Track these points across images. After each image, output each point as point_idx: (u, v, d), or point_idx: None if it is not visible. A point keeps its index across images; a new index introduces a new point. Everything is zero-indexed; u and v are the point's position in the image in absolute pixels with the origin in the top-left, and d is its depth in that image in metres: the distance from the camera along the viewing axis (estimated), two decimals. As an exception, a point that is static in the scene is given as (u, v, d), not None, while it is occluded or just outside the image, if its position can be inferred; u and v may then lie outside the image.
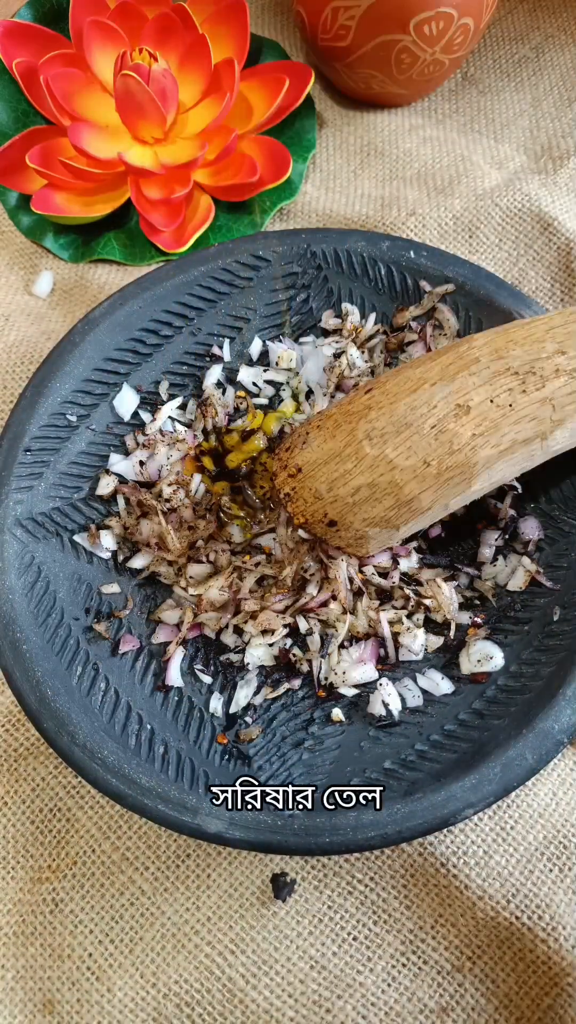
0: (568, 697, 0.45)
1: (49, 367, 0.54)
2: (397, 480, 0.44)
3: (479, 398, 0.43)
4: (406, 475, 0.44)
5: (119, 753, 0.45)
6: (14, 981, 0.47)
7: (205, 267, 0.57)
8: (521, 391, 0.43)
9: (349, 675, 0.50)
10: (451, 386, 0.44)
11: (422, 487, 0.44)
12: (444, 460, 0.43)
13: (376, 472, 0.45)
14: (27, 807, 0.51)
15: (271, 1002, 0.46)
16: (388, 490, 0.45)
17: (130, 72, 0.59)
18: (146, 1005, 0.46)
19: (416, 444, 0.44)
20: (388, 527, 0.46)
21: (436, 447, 0.43)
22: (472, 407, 0.43)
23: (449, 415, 0.43)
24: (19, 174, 0.66)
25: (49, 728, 0.45)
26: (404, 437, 0.44)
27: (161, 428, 0.57)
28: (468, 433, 0.43)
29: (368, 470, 0.45)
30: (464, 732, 0.48)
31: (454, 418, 0.43)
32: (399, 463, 0.44)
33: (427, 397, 0.44)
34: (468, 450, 0.43)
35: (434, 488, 0.44)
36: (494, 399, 0.43)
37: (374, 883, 0.49)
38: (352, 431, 0.46)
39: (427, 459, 0.44)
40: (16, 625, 0.48)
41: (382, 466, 0.45)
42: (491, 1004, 0.46)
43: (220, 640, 0.52)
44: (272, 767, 0.48)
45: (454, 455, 0.43)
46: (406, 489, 0.44)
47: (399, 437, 0.44)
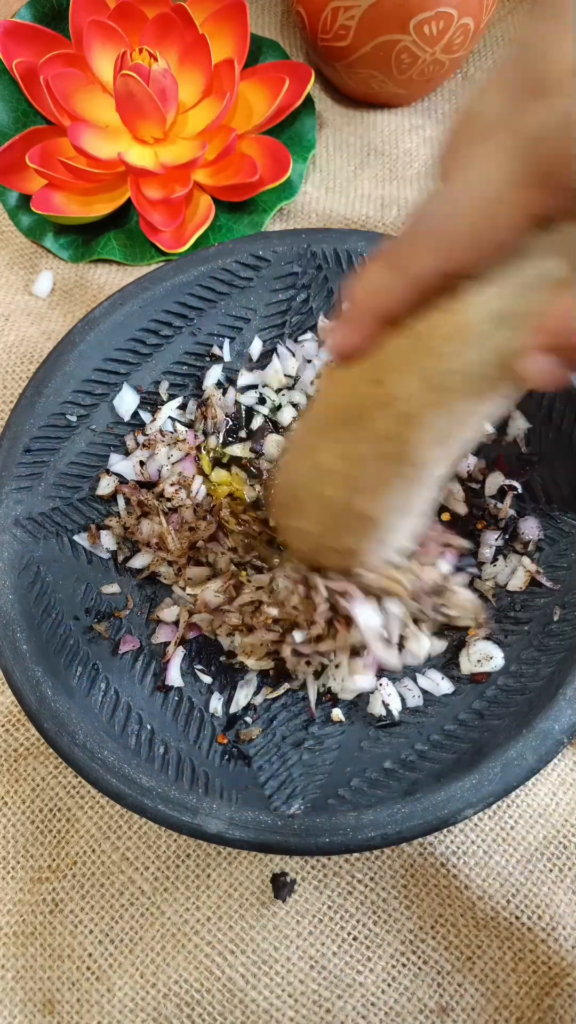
0: (568, 697, 0.45)
1: (49, 367, 0.54)
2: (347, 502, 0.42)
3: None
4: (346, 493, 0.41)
5: (119, 753, 0.45)
6: (14, 981, 0.47)
7: (205, 267, 0.57)
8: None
9: (348, 686, 0.50)
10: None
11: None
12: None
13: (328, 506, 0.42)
14: (27, 807, 0.51)
15: (271, 1002, 0.46)
16: (344, 515, 0.42)
17: (130, 72, 0.59)
18: (146, 1005, 0.46)
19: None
20: (367, 542, 0.44)
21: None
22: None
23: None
24: (19, 174, 0.66)
25: (49, 728, 0.45)
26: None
27: (161, 428, 0.57)
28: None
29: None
30: (464, 732, 0.48)
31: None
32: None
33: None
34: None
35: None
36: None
37: (374, 883, 0.49)
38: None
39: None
40: (16, 625, 0.47)
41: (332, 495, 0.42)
42: (491, 1004, 0.46)
43: (219, 640, 0.52)
44: (272, 767, 0.48)
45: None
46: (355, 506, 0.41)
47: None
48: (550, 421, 0.54)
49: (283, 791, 0.46)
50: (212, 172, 0.66)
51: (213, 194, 0.66)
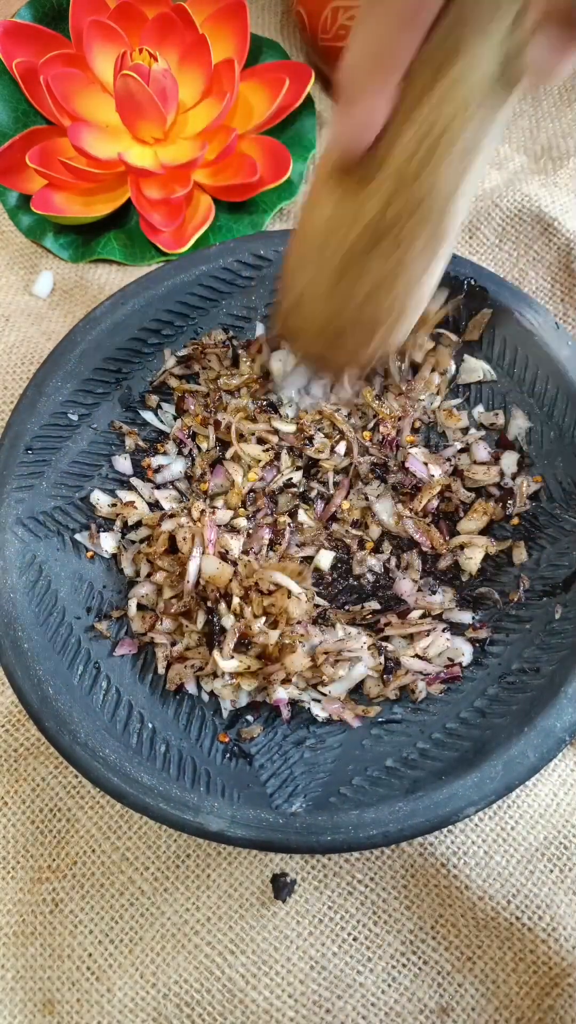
0: (570, 696, 0.45)
1: (50, 366, 0.54)
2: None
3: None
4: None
5: (120, 752, 0.45)
6: (14, 981, 0.47)
7: (206, 267, 0.57)
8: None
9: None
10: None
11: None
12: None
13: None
14: (27, 807, 0.51)
15: (271, 1002, 0.46)
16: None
17: (130, 72, 0.59)
18: (146, 1005, 0.46)
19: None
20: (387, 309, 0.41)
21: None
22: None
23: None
24: (19, 174, 0.66)
25: (51, 727, 0.45)
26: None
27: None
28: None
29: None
30: (466, 730, 0.48)
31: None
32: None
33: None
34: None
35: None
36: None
37: (374, 883, 0.49)
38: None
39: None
40: (17, 624, 0.48)
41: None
42: (491, 1004, 0.46)
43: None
44: (274, 765, 0.48)
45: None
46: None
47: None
48: (551, 420, 0.54)
49: (285, 789, 0.46)
50: (212, 172, 0.66)
51: (213, 194, 0.66)
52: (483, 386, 0.57)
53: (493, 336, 0.56)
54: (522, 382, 0.55)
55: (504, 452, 0.56)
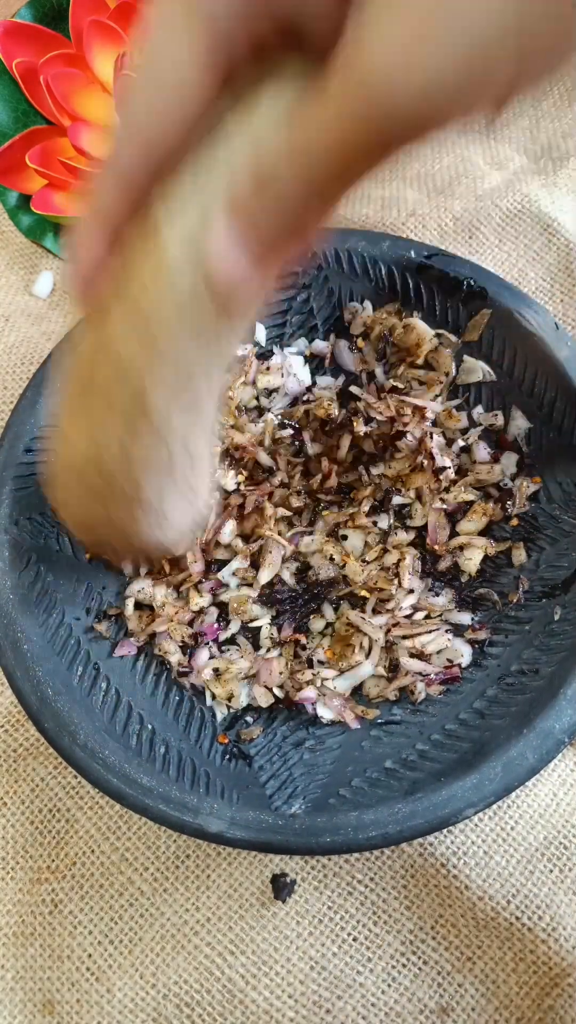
0: (569, 697, 0.45)
1: (49, 367, 0.54)
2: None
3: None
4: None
5: (120, 753, 0.45)
6: (13, 981, 0.47)
7: (205, 267, 0.57)
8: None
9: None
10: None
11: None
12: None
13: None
14: (26, 807, 0.51)
15: (271, 1003, 0.46)
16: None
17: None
18: (146, 1006, 0.46)
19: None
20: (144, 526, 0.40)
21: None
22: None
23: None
24: (19, 174, 0.66)
25: (50, 728, 0.45)
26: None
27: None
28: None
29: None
30: (465, 732, 0.48)
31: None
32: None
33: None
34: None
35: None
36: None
37: (374, 883, 0.49)
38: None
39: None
40: (17, 625, 0.47)
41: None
42: (491, 1004, 0.46)
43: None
44: (273, 766, 0.48)
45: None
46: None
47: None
48: (550, 421, 0.54)
49: (284, 791, 0.46)
50: (212, 172, 0.66)
51: (213, 194, 0.66)
52: (482, 386, 0.57)
53: (492, 336, 0.56)
54: (521, 382, 0.55)
55: (504, 452, 0.56)
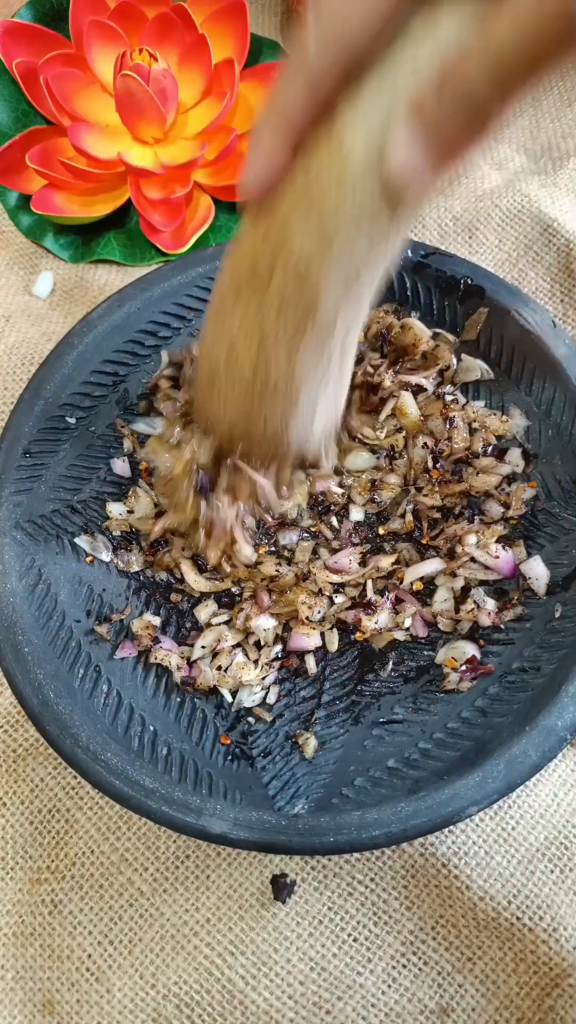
0: (571, 694, 0.45)
1: (47, 369, 0.54)
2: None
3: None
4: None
5: (122, 755, 0.45)
6: (13, 982, 0.47)
7: (204, 267, 0.57)
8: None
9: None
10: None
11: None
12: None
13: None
14: (26, 808, 0.51)
15: (271, 1003, 0.46)
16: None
17: (130, 72, 0.59)
18: (145, 1006, 0.46)
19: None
20: (286, 421, 0.41)
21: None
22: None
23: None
24: (19, 174, 0.66)
25: (52, 731, 0.45)
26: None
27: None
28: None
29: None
30: (467, 730, 0.48)
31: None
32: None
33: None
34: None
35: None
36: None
37: (374, 884, 0.49)
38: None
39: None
40: (18, 628, 0.47)
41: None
42: (492, 1005, 0.46)
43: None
44: (275, 767, 0.48)
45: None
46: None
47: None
48: (549, 418, 0.54)
49: (287, 791, 0.46)
50: (212, 172, 0.66)
51: (213, 194, 0.66)
52: (481, 385, 0.57)
53: (490, 335, 0.56)
54: (520, 381, 0.55)
55: (509, 449, 0.55)
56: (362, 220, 0.31)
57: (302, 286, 0.34)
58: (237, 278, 0.37)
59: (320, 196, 0.31)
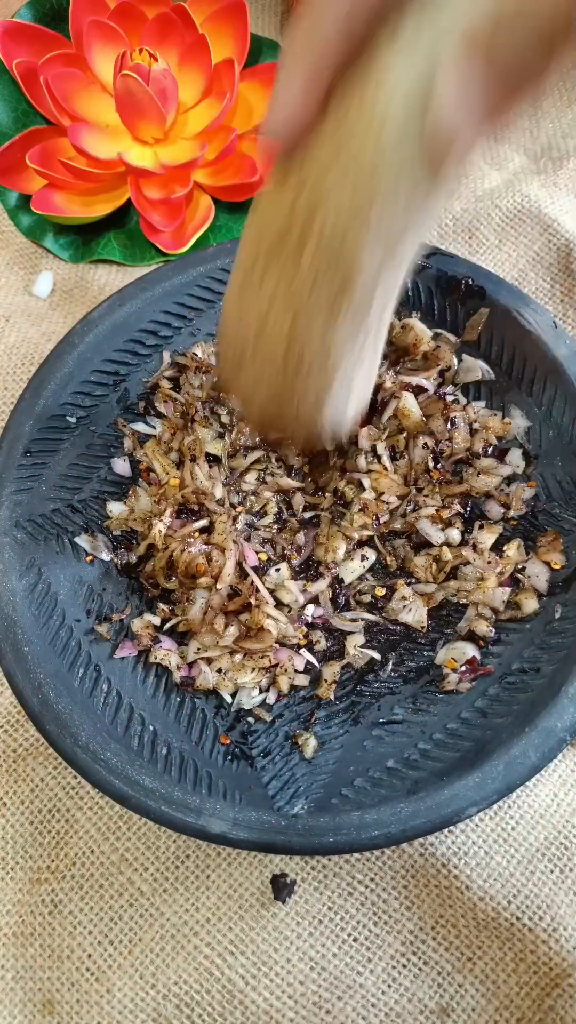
0: (571, 695, 0.45)
1: (48, 369, 0.54)
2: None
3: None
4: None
5: (122, 755, 0.45)
6: (13, 981, 0.47)
7: (204, 267, 0.57)
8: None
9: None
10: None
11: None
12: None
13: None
14: (26, 808, 0.51)
15: (271, 1003, 0.46)
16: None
17: (130, 72, 0.59)
18: (145, 1006, 0.46)
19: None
20: (319, 398, 0.39)
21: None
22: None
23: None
24: (19, 174, 0.66)
25: (52, 730, 0.45)
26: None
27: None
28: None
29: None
30: (467, 731, 0.48)
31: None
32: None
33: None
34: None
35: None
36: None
37: (374, 884, 0.49)
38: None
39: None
40: (18, 627, 0.47)
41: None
42: (492, 1005, 0.46)
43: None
44: (275, 767, 0.48)
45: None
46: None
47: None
48: (549, 419, 0.54)
49: (286, 791, 0.46)
50: (212, 172, 0.66)
51: (213, 194, 0.66)
52: (481, 385, 0.57)
53: (491, 336, 0.56)
54: (520, 381, 0.55)
55: (510, 449, 0.55)
56: (401, 182, 0.28)
57: (338, 256, 0.31)
58: (263, 247, 0.34)
59: (357, 151, 0.28)
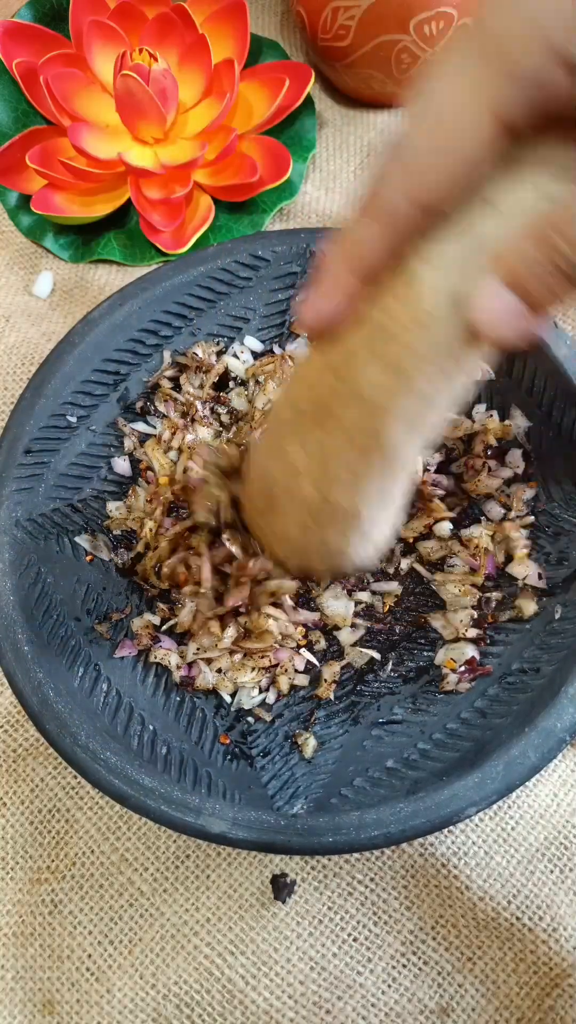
0: (570, 696, 0.45)
1: (48, 369, 0.54)
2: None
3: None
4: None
5: (121, 754, 0.45)
6: (13, 981, 0.47)
7: (204, 267, 0.57)
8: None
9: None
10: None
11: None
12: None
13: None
14: (26, 808, 0.51)
15: (271, 1003, 0.46)
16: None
17: (130, 72, 0.59)
18: (145, 1006, 0.46)
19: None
20: (350, 536, 0.41)
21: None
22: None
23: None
24: (19, 174, 0.66)
25: (51, 730, 0.45)
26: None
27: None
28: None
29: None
30: (466, 731, 0.48)
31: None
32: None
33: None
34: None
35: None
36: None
37: (374, 884, 0.49)
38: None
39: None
40: (17, 627, 0.47)
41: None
42: (491, 1005, 0.46)
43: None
44: (275, 767, 0.48)
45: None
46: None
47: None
48: (550, 419, 0.54)
49: (286, 791, 0.46)
50: (212, 172, 0.66)
51: (213, 194, 0.66)
52: (482, 385, 0.57)
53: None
54: (520, 381, 0.55)
55: (510, 450, 0.55)
56: (440, 357, 0.31)
57: (373, 420, 0.34)
58: (301, 405, 0.37)
59: (397, 332, 0.31)
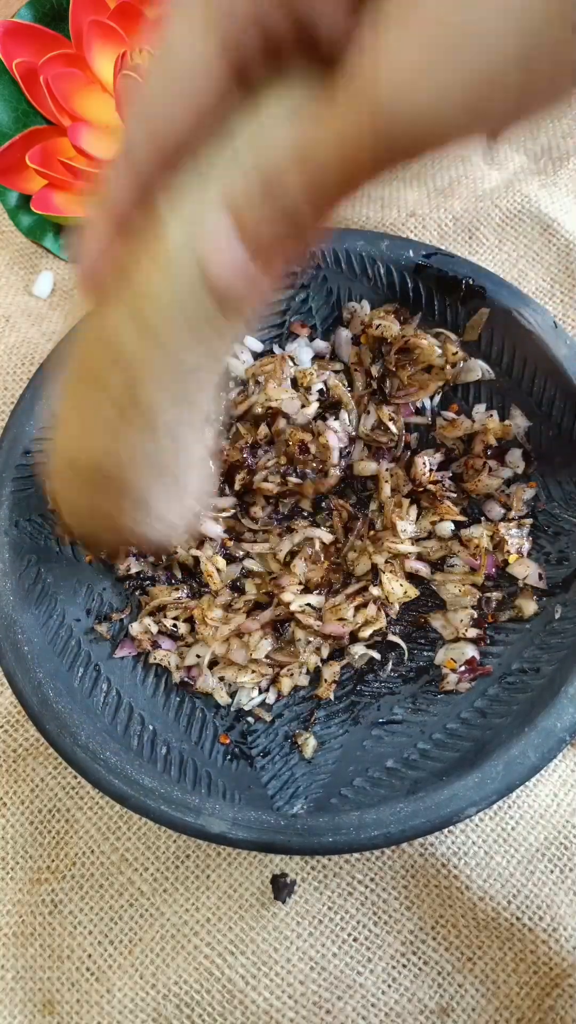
0: (571, 695, 0.45)
1: (48, 369, 0.54)
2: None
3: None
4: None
5: (121, 754, 0.45)
6: (13, 981, 0.47)
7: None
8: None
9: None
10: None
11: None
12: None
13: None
14: (26, 808, 0.51)
15: (271, 1003, 0.46)
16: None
17: (130, 72, 0.59)
18: (146, 1006, 0.46)
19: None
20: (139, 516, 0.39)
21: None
22: None
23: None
24: (19, 174, 0.66)
25: (51, 730, 0.45)
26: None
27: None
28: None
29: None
30: (466, 731, 0.48)
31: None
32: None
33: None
34: None
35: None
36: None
37: (374, 884, 0.49)
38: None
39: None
40: (17, 627, 0.47)
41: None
42: (492, 1005, 0.46)
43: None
44: (275, 767, 0.48)
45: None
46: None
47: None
48: (550, 419, 0.54)
49: (286, 791, 0.46)
50: (212, 172, 0.66)
51: (213, 194, 0.66)
52: (482, 385, 0.57)
53: (491, 335, 0.56)
54: (521, 381, 0.55)
55: (510, 450, 0.55)
56: (185, 313, 0.30)
57: (122, 377, 0.33)
58: (72, 368, 0.36)
59: (142, 285, 0.30)
